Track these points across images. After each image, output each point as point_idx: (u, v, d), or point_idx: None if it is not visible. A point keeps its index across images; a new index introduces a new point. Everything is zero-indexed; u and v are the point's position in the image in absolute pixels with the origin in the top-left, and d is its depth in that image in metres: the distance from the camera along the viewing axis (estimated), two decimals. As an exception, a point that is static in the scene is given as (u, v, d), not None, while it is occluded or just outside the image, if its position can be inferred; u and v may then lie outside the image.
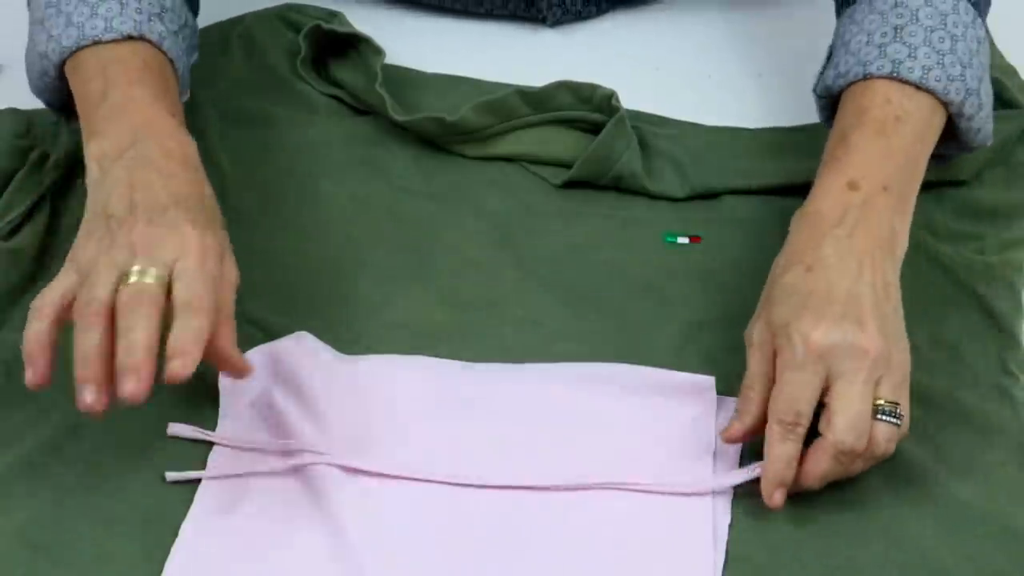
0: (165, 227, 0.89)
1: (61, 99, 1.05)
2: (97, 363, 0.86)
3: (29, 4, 1.04)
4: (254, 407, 0.95)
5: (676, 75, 1.20)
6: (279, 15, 1.20)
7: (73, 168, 1.08)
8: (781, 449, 0.88)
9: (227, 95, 1.15)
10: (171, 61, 1.01)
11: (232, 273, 0.92)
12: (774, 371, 0.90)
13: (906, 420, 0.90)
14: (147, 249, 0.88)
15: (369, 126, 1.14)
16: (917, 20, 0.99)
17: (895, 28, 0.99)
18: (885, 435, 0.88)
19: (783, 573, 0.87)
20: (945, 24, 0.99)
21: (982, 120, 1.02)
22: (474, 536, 0.89)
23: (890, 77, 0.98)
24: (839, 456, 0.87)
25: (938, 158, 1.03)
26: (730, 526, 0.90)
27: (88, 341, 0.86)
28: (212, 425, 0.94)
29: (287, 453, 0.92)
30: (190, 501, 0.91)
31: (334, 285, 1.03)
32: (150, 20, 1.00)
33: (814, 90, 1.04)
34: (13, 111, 1.10)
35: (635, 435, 0.93)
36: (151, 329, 0.85)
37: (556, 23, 1.23)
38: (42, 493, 0.91)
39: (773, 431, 0.88)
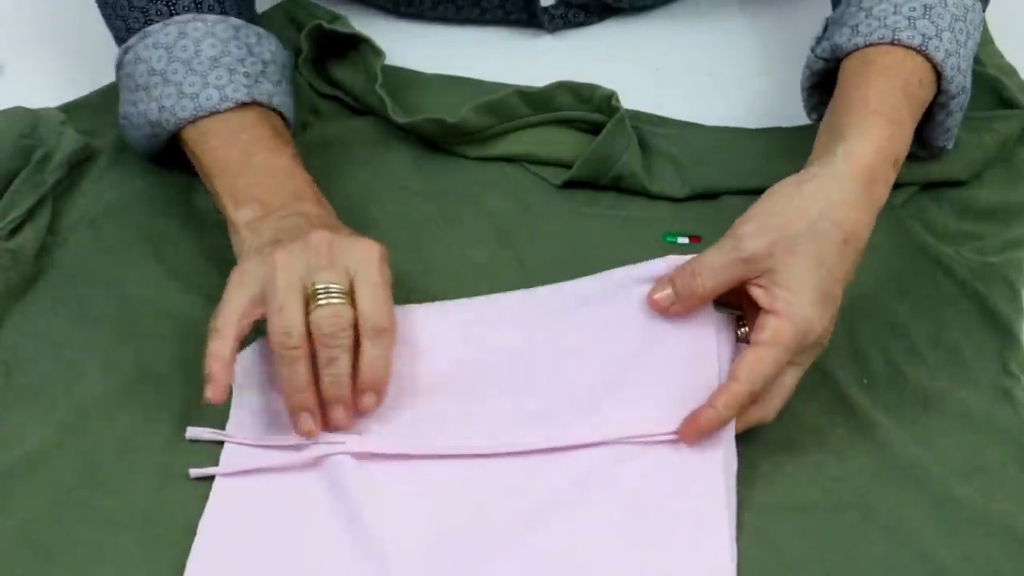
0: (343, 235, 0.92)
1: (163, 156, 1.06)
2: (309, 392, 0.90)
3: (123, 68, 1.04)
4: (264, 401, 0.95)
5: (676, 75, 1.20)
6: (285, 11, 1.20)
7: (76, 168, 1.09)
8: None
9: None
10: (282, 115, 1.04)
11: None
12: (730, 292, 0.92)
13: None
14: (330, 253, 0.91)
15: (369, 126, 1.14)
16: (946, 5, 0.99)
17: (925, 7, 0.99)
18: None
19: (783, 573, 0.87)
20: (966, 17, 1.00)
21: (956, 120, 1.03)
22: (491, 507, 0.90)
23: (918, 50, 0.97)
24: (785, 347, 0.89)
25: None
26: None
27: (297, 375, 0.90)
28: (218, 421, 0.94)
29: (299, 447, 0.92)
30: (190, 501, 0.91)
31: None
32: (257, 81, 1.02)
33: (812, 50, 1.04)
34: (17, 110, 1.10)
35: (641, 379, 0.93)
36: (350, 357, 0.89)
37: (555, 30, 1.23)
38: (42, 493, 0.91)
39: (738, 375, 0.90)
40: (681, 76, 1.20)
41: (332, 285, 0.90)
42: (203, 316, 0.97)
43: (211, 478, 0.92)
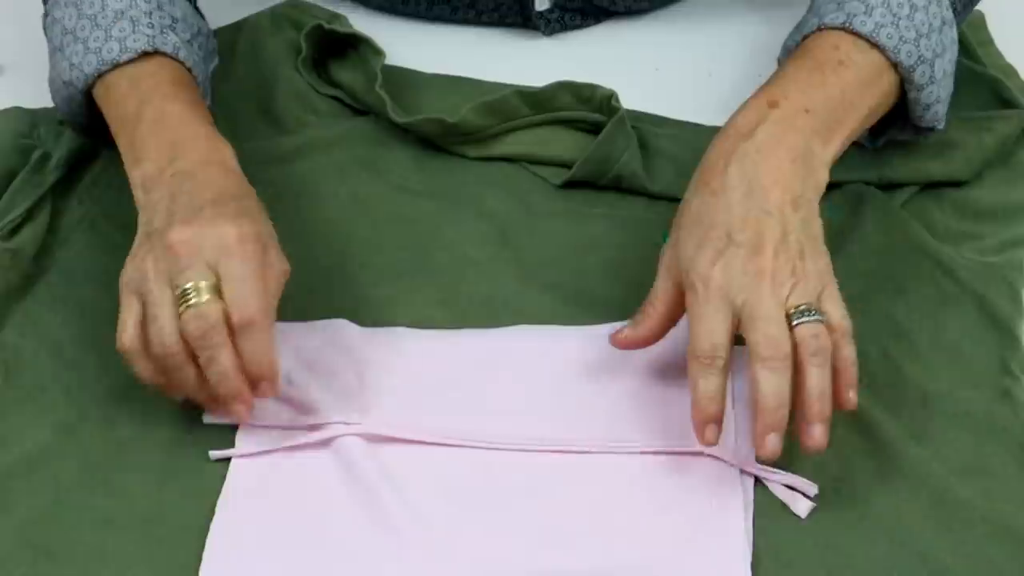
0: (201, 225, 0.90)
1: (92, 122, 1.05)
2: (204, 391, 0.91)
3: (46, 32, 1.05)
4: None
5: (675, 76, 1.20)
6: (283, 13, 1.20)
7: (74, 168, 1.09)
8: (704, 385, 0.88)
9: (228, 96, 1.15)
10: (189, 70, 1.02)
11: (278, 262, 0.93)
12: (680, 297, 0.92)
13: (835, 316, 0.90)
14: (189, 251, 0.89)
15: (369, 126, 1.14)
16: None
17: None
18: (810, 332, 0.88)
19: (782, 574, 0.87)
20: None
21: (933, 97, 1.01)
22: (505, 496, 0.90)
23: (842, 28, 0.98)
24: (771, 366, 0.87)
25: (896, 142, 1.05)
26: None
27: (186, 379, 0.90)
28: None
29: (314, 427, 0.93)
30: (190, 499, 0.91)
31: (334, 285, 1.03)
32: (163, 32, 1.01)
33: (778, 60, 1.05)
34: (16, 110, 1.10)
35: (653, 392, 0.95)
36: (230, 353, 0.89)
37: (551, 32, 1.23)
38: (42, 493, 0.91)
39: (693, 369, 0.89)
40: (680, 77, 1.20)
41: (197, 284, 0.89)
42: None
43: (213, 476, 0.92)
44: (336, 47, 1.17)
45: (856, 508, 0.90)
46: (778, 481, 0.91)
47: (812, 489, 0.90)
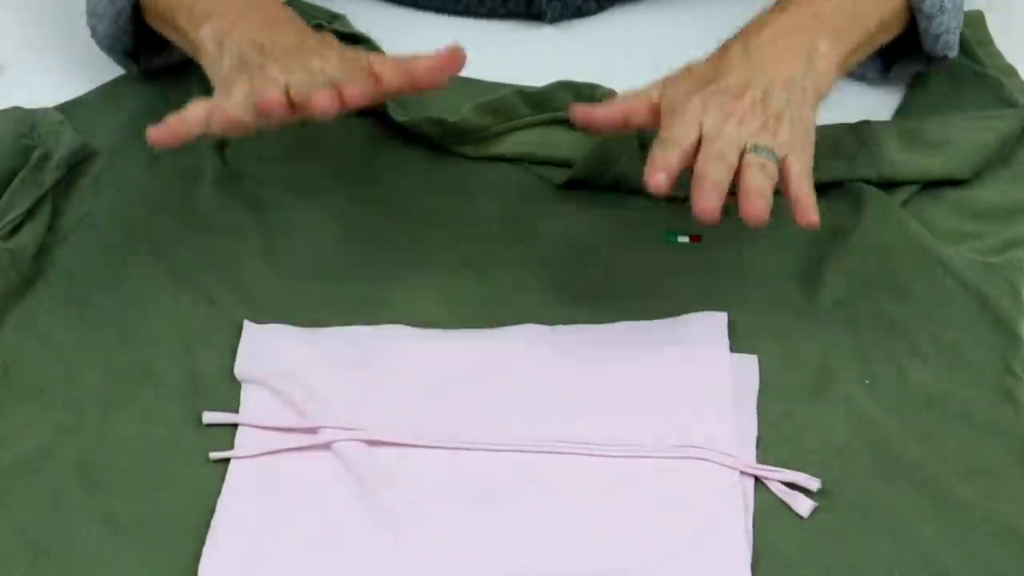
0: (298, 58, 0.96)
1: (135, 42, 1.08)
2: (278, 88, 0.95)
3: None
4: (275, 386, 0.96)
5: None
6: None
7: (74, 168, 1.08)
8: (661, 149, 0.93)
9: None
10: None
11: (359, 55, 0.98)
12: (651, 110, 0.97)
13: (794, 165, 0.93)
14: (298, 60, 0.95)
15: (369, 126, 1.14)
16: None
17: None
18: (757, 160, 0.91)
19: (783, 574, 0.87)
20: None
21: (942, 26, 1.06)
22: (505, 498, 0.90)
23: None
24: (704, 156, 0.91)
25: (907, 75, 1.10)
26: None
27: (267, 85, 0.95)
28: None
29: (314, 430, 0.93)
30: (188, 501, 0.91)
31: (333, 285, 1.03)
32: None
33: None
34: (16, 110, 1.10)
35: (654, 395, 0.95)
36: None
37: (555, 19, 1.23)
38: (41, 493, 0.91)
39: (654, 146, 0.94)
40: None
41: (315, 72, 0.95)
42: (203, 316, 0.98)
43: (213, 476, 0.92)
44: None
45: (857, 508, 0.90)
46: (779, 480, 0.91)
47: (815, 484, 0.90)
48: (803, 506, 0.90)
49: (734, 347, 0.98)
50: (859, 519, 0.89)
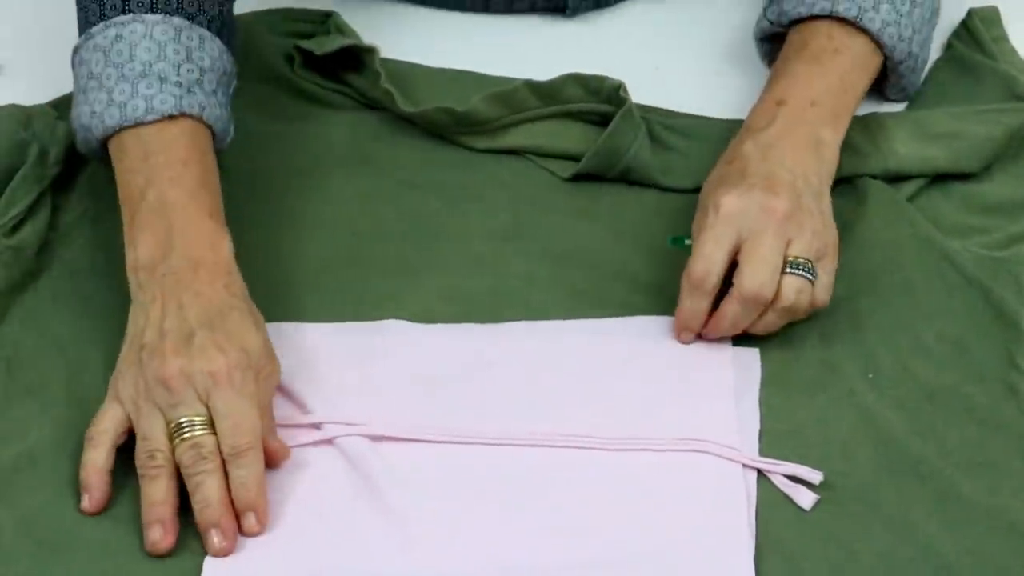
0: (191, 357, 0.90)
1: (106, 157, 1.03)
2: (163, 508, 0.88)
3: (73, 68, 1.03)
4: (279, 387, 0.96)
5: (689, 69, 1.19)
6: (282, 13, 1.20)
7: (74, 163, 1.08)
8: (689, 304, 0.96)
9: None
10: (211, 126, 1.00)
11: (270, 369, 0.93)
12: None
13: (823, 283, 0.96)
14: (180, 385, 0.89)
15: (375, 120, 1.14)
16: None
17: None
18: (794, 287, 0.95)
19: (786, 568, 0.87)
20: None
21: (910, 81, 1.11)
22: (510, 491, 0.90)
23: (853, 22, 1.04)
24: (746, 303, 0.94)
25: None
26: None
27: (156, 490, 0.88)
28: None
29: (317, 425, 0.93)
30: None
31: (340, 280, 1.03)
32: (190, 91, 0.99)
33: (764, 8, 1.10)
34: (13, 107, 1.10)
35: (656, 388, 0.96)
36: (220, 482, 0.88)
37: (575, 12, 1.23)
38: (44, 487, 0.91)
39: (683, 286, 0.97)
40: (696, 69, 1.19)
41: (191, 419, 0.89)
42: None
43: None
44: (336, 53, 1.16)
45: (859, 502, 0.90)
46: (781, 473, 0.90)
47: (817, 477, 0.90)
48: (805, 499, 0.89)
49: (736, 340, 0.98)
50: (861, 512, 0.89)
